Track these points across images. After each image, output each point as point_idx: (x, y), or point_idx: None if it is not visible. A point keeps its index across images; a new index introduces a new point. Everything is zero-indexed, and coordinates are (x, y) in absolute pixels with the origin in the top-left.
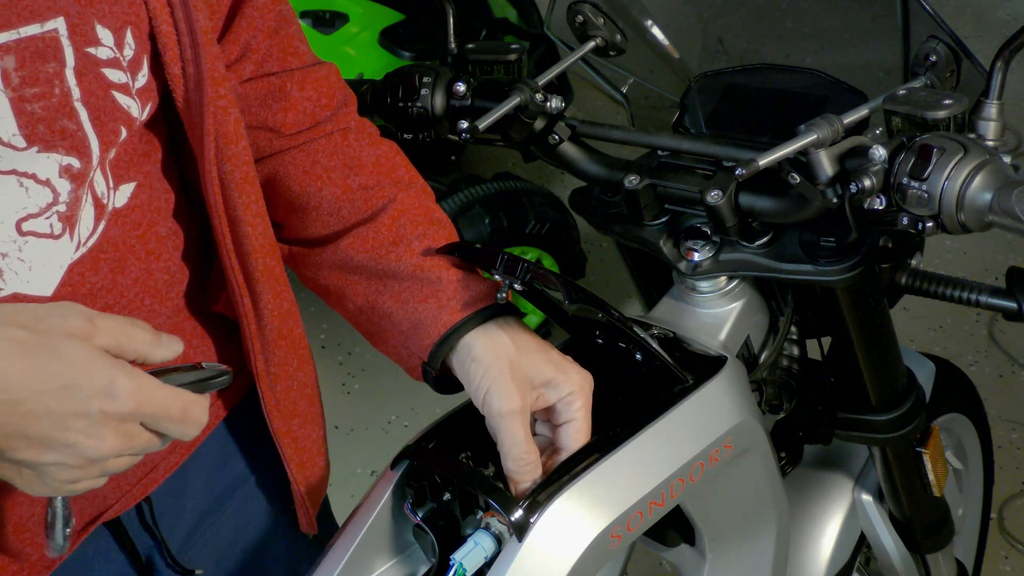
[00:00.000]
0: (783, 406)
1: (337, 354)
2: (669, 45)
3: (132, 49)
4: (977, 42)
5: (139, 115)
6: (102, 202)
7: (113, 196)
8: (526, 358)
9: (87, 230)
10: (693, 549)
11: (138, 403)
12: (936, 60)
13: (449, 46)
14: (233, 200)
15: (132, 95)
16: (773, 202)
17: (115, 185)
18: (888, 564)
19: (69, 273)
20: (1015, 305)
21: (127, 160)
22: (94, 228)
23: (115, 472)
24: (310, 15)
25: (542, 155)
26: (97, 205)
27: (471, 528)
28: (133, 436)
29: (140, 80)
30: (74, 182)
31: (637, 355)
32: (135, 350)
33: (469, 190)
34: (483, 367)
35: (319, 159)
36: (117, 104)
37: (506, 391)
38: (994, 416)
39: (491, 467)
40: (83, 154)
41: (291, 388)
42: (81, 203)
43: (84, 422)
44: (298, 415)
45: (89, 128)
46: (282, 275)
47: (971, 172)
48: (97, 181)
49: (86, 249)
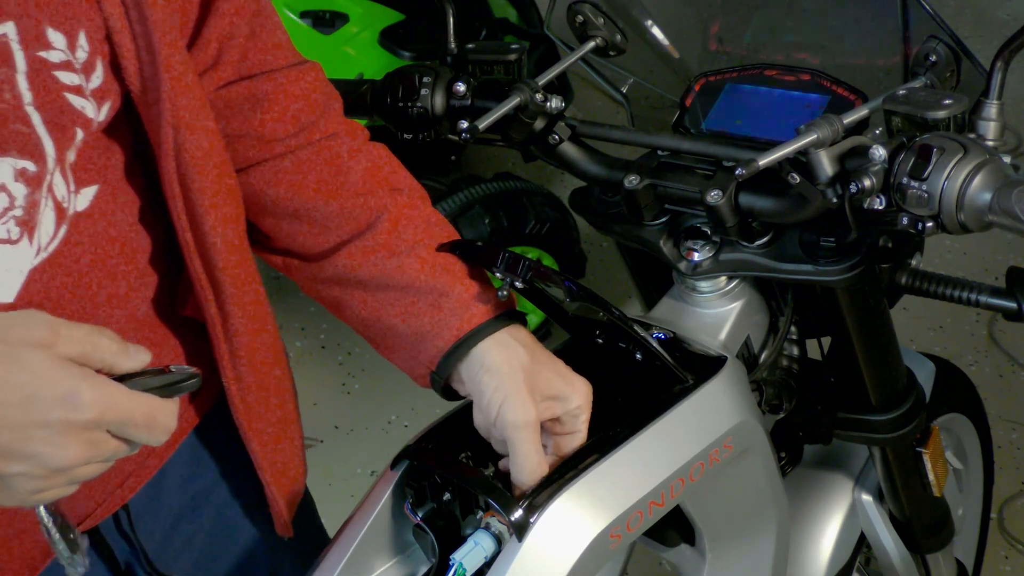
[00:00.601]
0: (783, 406)
1: (337, 354)
2: (669, 45)
3: (85, 52)
4: (977, 42)
5: (95, 116)
6: (63, 206)
7: (75, 200)
8: (541, 371)
9: (48, 235)
10: (693, 549)
11: (102, 411)
12: (936, 60)
13: (449, 46)
14: (195, 203)
15: (86, 96)
16: (773, 202)
17: (76, 188)
18: (888, 564)
19: (30, 279)
20: (1015, 305)
21: (89, 163)
22: (55, 232)
23: (84, 479)
24: (310, 15)
25: (542, 155)
26: (58, 209)
27: (471, 528)
28: (99, 444)
29: (94, 81)
30: (30, 185)
31: (637, 355)
32: (101, 359)
33: (469, 190)
34: (497, 378)
35: (307, 169)
36: (71, 106)
37: (522, 403)
38: (994, 416)
39: (491, 467)
40: (38, 157)
41: (262, 391)
42: (39, 207)
43: (46, 432)
44: (270, 419)
45: (43, 131)
46: (252, 279)
47: (971, 172)
48: (57, 184)
49: (47, 254)
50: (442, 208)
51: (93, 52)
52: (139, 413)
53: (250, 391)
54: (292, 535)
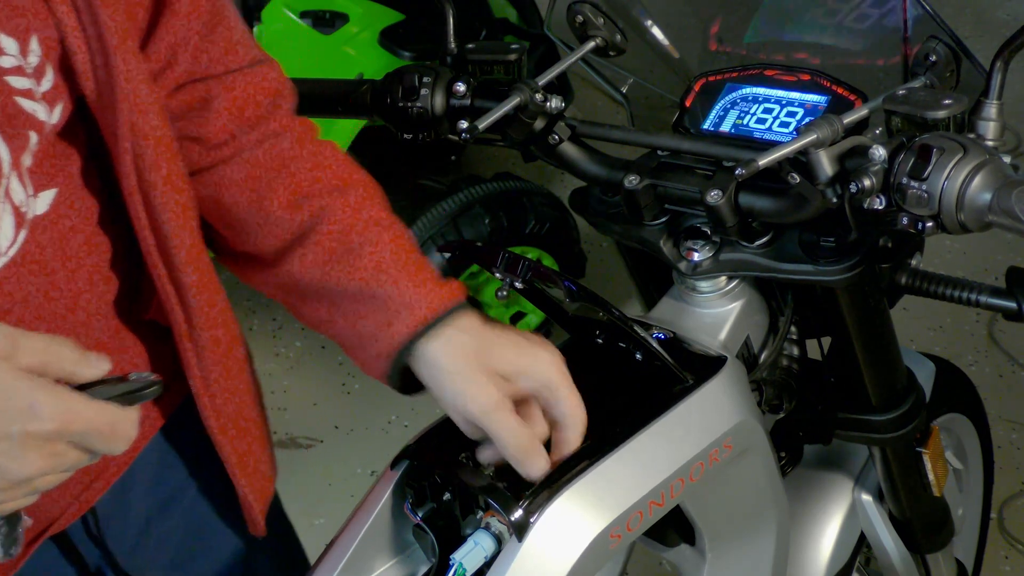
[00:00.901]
0: (783, 406)
1: (337, 354)
2: (669, 45)
3: (37, 56)
4: (977, 42)
5: (48, 118)
6: (21, 210)
7: (33, 203)
8: (492, 351)
9: (7, 240)
10: (693, 549)
11: (62, 422)
12: (936, 60)
13: (449, 46)
14: (154, 204)
15: (37, 99)
16: (773, 202)
17: (35, 192)
18: (888, 564)
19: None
20: (1015, 305)
21: (46, 166)
22: (14, 237)
23: (45, 489)
24: (310, 15)
25: (542, 155)
26: (16, 214)
27: (471, 528)
28: (60, 455)
29: (45, 84)
30: None
31: (637, 355)
32: (60, 368)
33: (469, 190)
34: (450, 375)
35: (248, 172)
36: (22, 110)
37: (479, 390)
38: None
39: (491, 467)
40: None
41: (231, 391)
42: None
43: (6, 444)
44: (239, 418)
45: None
46: (213, 279)
47: (971, 172)
48: (14, 189)
49: (7, 259)
50: (442, 208)
51: (44, 56)
52: (100, 423)
53: (219, 392)
54: (265, 534)
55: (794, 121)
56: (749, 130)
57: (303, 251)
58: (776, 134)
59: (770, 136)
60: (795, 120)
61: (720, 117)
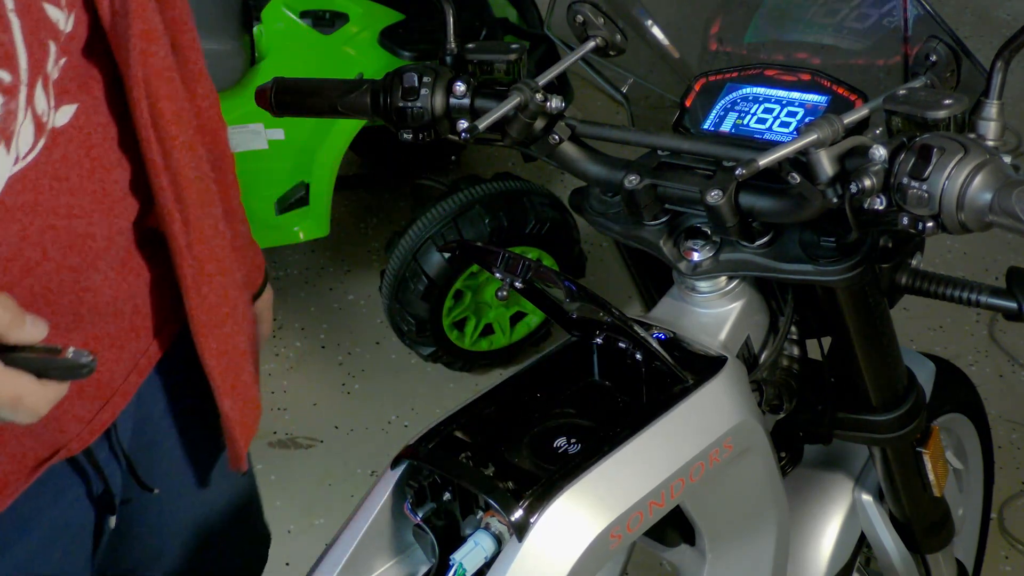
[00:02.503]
0: (783, 406)
1: (337, 354)
2: (669, 45)
3: None
4: (977, 42)
5: (65, 27)
6: (42, 120)
7: (54, 115)
8: None
9: (26, 145)
10: (693, 549)
11: None
12: (936, 60)
13: (449, 46)
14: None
15: (61, 6)
16: (773, 202)
17: (56, 105)
18: (888, 564)
19: (9, 186)
20: (1015, 305)
21: (69, 81)
22: (34, 144)
23: None
24: (310, 15)
25: (542, 155)
26: (37, 123)
27: (471, 528)
28: None
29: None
30: (5, 95)
31: (637, 355)
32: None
33: (469, 190)
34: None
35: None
36: (47, 16)
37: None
38: (994, 416)
39: (491, 467)
40: (12, 68)
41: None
42: (16, 118)
43: None
44: (229, 345)
45: (19, 40)
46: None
47: (971, 172)
48: (38, 98)
49: (26, 163)
50: (442, 208)
51: None
52: (5, 392)
53: (211, 311)
54: (246, 470)
55: (794, 121)
56: (749, 130)
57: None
58: (776, 134)
59: (770, 136)
60: (795, 120)
61: (720, 117)
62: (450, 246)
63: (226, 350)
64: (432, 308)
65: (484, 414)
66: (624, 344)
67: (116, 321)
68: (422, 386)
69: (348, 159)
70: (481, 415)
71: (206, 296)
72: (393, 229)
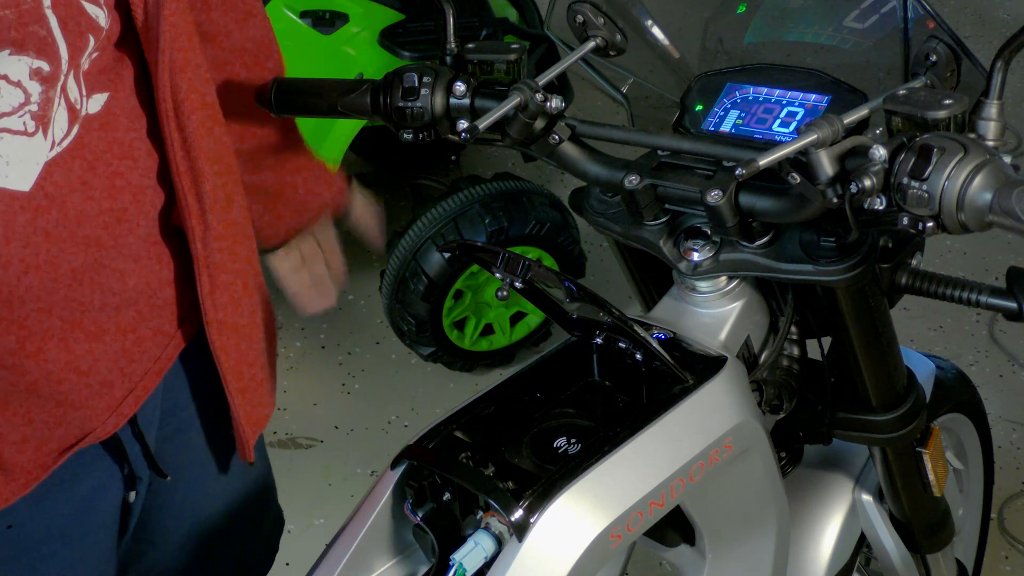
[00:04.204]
0: (783, 406)
1: (337, 354)
2: (669, 45)
3: None
4: (977, 42)
5: (106, 24)
6: (75, 107)
7: (86, 103)
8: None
9: (61, 131)
10: (693, 549)
11: None
12: (936, 60)
13: (449, 46)
14: (185, 122)
15: (100, 5)
16: (773, 202)
17: (88, 93)
18: (888, 564)
19: (47, 170)
20: (1015, 305)
21: (101, 72)
22: (68, 130)
23: None
24: (310, 15)
25: (542, 155)
26: (71, 110)
27: (471, 528)
28: None
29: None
30: (44, 84)
31: (637, 355)
32: None
33: (469, 190)
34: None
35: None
36: (85, 13)
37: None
38: (994, 416)
39: (491, 467)
40: (52, 58)
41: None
42: (53, 105)
43: None
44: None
45: (58, 34)
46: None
47: (971, 172)
48: (71, 87)
49: (61, 148)
50: (442, 208)
51: None
52: None
53: (224, 309)
54: (252, 461)
55: (794, 121)
56: (749, 130)
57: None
58: (776, 134)
59: (770, 136)
60: (795, 120)
61: (720, 117)
62: (450, 246)
63: (239, 348)
64: (432, 308)
65: (484, 414)
66: (624, 344)
67: (141, 309)
68: (422, 386)
69: (348, 159)
70: (481, 415)
71: (220, 295)
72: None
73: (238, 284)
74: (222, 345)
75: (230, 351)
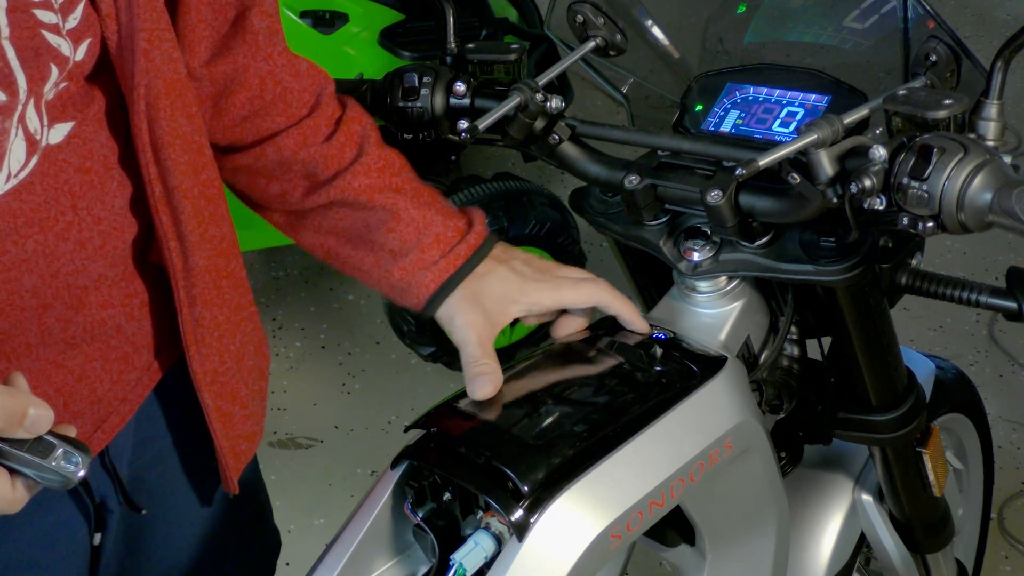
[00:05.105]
0: (783, 406)
1: (337, 354)
2: (669, 45)
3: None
4: (977, 42)
5: (71, 54)
6: (35, 138)
7: (47, 133)
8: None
9: (18, 163)
10: (693, 549)
11: None
12: (936, 60)
13: (449, 46)
14: (164, 159)
15: (62, 35)
16: (773, 202)
17: (50, 123)
18: (888, 564)
19: (3, 204)
20: (1015, 305)
21: (67, 101)
22: (26, 162)
23: None
24: (310, 15)
25: (542, 155)
26: (30, 141)
27: (471, 528)
28: None
29: (71, 22)
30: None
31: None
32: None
33: (469, 190)
34: (460, 333)
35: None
36: (47, 43)
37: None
38: (994, 416)
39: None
40: (8, 89)
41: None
42: (9, 136)
43: None
44: (224, 374)
45: (16, 65)
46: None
47: (971, 172)
48: (30, 117)
49: (17, 181)
50: None
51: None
52: None
53: (205, 340)
54: (237, 492)
55: (794, 121)
56: (749, 130)
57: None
58: (776, 134)
59: (770, 136)
60: (795, 120)
61: (720, 117)
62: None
63: (220, 379)
64: None
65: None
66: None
67: (113, 341)
68: (422, 386)
69: None
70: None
71: (201, 325)
72: None
73: (221, 320)
74: (200, 373)
75: (210, 379)
